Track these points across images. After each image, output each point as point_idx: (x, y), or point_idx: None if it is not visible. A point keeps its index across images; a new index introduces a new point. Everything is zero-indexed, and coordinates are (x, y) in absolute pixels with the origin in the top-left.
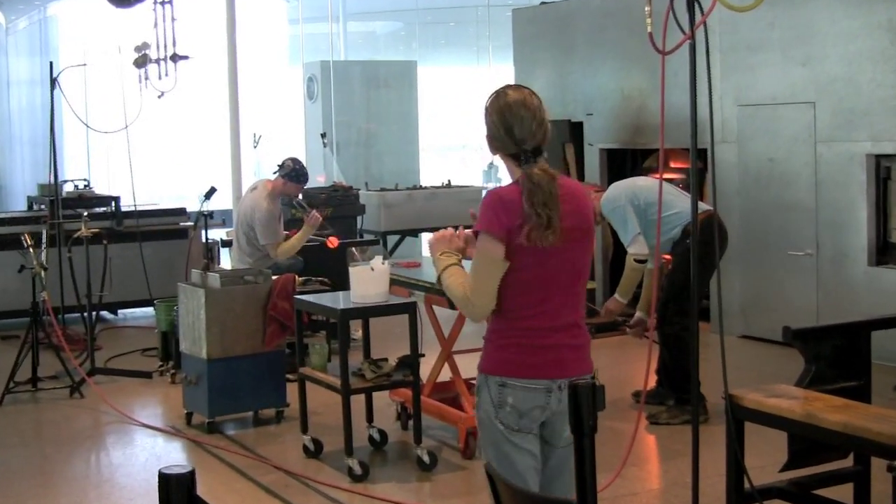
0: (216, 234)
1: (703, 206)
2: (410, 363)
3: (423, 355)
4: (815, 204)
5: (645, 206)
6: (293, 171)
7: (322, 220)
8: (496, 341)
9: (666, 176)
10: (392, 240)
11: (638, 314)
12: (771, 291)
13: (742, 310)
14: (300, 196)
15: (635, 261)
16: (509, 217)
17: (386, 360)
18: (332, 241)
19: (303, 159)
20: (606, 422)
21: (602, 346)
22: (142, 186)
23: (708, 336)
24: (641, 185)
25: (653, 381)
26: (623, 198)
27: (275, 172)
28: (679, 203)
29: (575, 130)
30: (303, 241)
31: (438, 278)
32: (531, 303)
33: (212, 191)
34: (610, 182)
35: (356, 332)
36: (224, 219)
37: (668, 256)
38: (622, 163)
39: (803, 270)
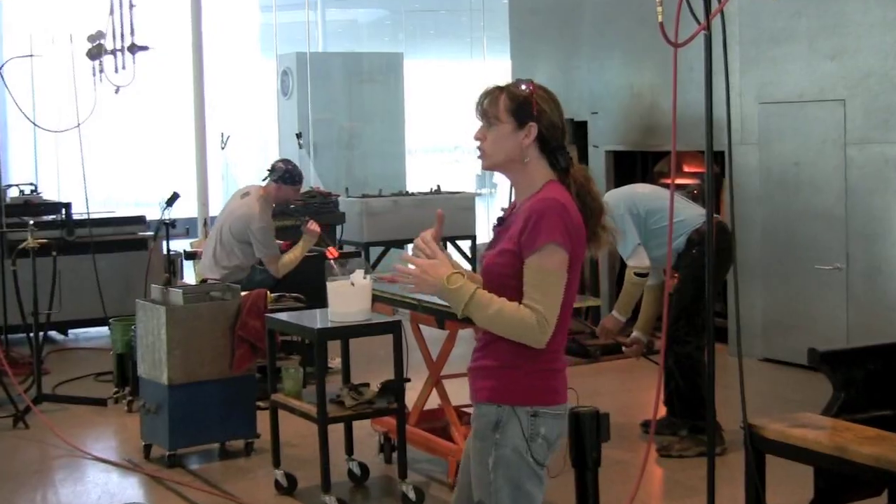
0: (179, 245)
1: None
2: (395, 389)
3: (409, 380)
4: (845, 212)
5: (645, 215)
6: (286, 174)
7: (319, 229)
8: (525, 367)
9: (679, 181)
10: (375, 251)
11: (635, 334)
12: (796, 309)
13: (763, 330)
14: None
15: (635, 274)
16: (575, 228)
17: (367, 385)
18: (332, 252)
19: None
20: (612, 453)
21: (608, 370)
22: (96, 192)
23: (725, 359)
24: (640, 192)
25: (664, 409)
26: (621, 206)
27: (265, 178)
28: (683, 210)
29: (578, 131)
30: (303, 254)
31: (465, 310)
32: (563, 323)
33: (174, 197)
34: (616, 187)
35: (333, 360)
36: (188, 228)
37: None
38: (630, 167)
39: (832, 286)
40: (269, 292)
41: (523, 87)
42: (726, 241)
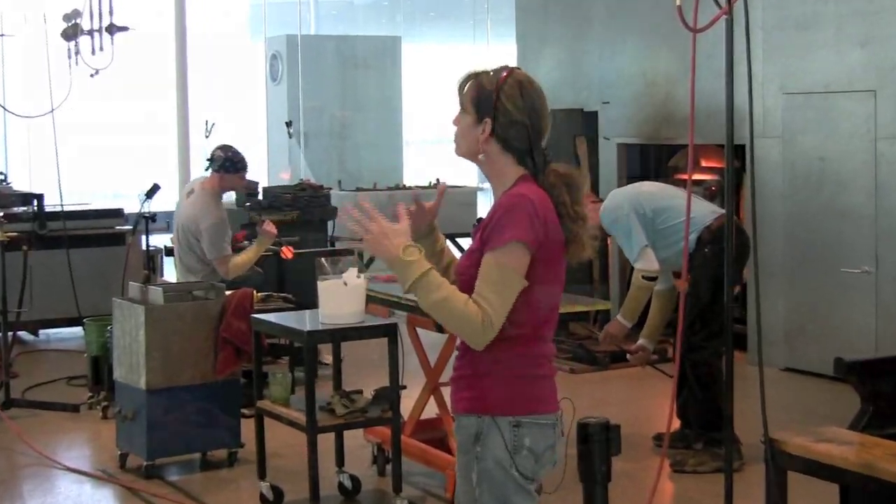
0: (159, 240)
1: (717, 210)
2: (389, 396)
3: (405, 387)
4: (875, 212)
5: (652, 215)
6: (226, 161)
7: (276, 230)
8: (503, 373)
9: (696, 177)
10: None
11: (641, 341)
12: (820, 316)
13: (786, 337)
14: (245, 187)
15: (643, 278)
16: (545, 228)
17: (360, 392)
18: (287, 252)
19: (264, 152)
20: (622, 467)
21: (617, 378)
22: (70, 182)
23: (744, 367)
24: (646, 190)
25: (677, 421)
26: (626, 206)
27: (207, 168)
28: (693, 207)
29: (588, 122)
30: (257, 256)
31: (412, 287)
32: (544, 328)
33: (154, 188)
34: (630, 182)
35: (325, 358)
36: (168, 221)
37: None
38: (644, 160)
39: (860, 291)
40: (255, 292)
41: (502, 75)
42: (741, 240)
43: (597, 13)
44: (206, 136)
